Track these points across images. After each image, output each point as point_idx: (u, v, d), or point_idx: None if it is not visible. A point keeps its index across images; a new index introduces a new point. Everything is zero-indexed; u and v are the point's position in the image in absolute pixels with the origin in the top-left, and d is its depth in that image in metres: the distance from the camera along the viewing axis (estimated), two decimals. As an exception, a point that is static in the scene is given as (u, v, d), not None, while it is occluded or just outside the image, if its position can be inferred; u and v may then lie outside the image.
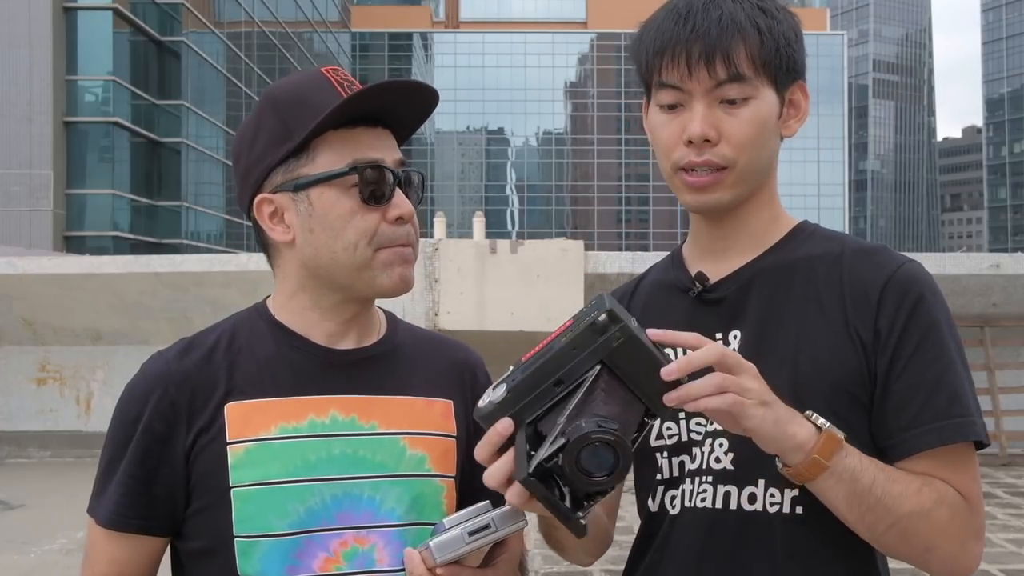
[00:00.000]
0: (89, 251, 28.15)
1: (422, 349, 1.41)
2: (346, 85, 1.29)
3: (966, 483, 1.18)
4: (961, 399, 1.18)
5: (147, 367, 1.31)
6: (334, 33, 73.26)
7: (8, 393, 8.22)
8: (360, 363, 1.33)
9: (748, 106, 1.22)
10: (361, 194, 1.25)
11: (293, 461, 1.25)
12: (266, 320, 1.34)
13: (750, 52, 1.21)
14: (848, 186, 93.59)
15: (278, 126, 1.28)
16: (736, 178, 1.24)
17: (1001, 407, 7.54)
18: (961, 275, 7.26)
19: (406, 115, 1.32)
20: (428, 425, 1.33)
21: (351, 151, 1.26)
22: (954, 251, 69.60)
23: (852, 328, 1.21)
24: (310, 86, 1.29)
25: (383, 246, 1.26)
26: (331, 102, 1.24)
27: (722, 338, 1.27)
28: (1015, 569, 4.86)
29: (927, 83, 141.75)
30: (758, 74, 1.22)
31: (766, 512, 1.21)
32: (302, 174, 1.27)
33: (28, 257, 8.95)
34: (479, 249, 7.26)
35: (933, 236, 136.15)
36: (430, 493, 1.31)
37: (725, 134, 1.22)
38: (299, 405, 1.28)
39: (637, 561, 1.36)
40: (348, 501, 1.26)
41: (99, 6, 38.26)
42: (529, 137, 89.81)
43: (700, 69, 1.21)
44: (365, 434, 1.29)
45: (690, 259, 1.37)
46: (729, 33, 1.20)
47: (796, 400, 1.19)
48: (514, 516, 1.14)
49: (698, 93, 1.22)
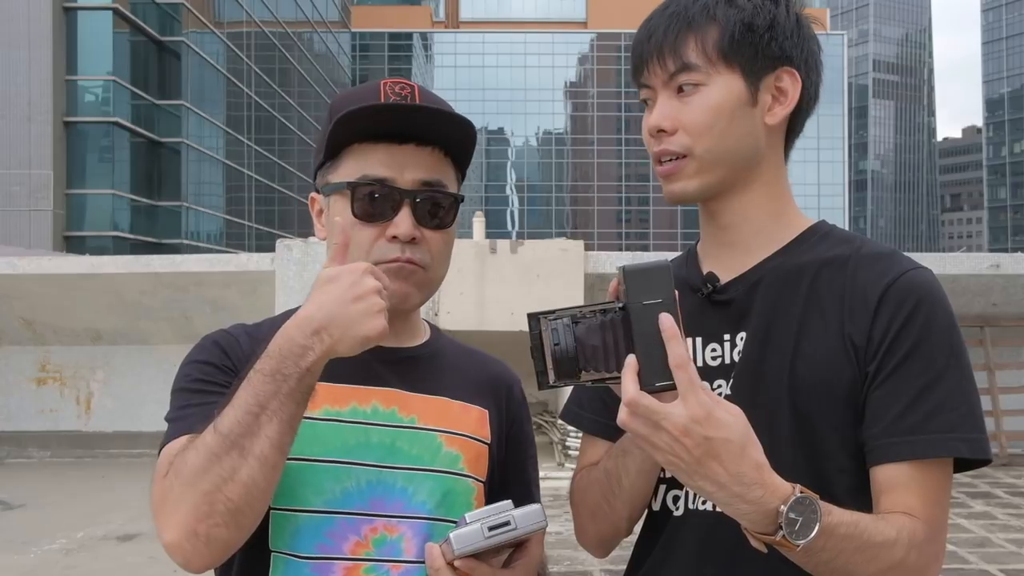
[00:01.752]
0: (89, 251, 28.15)
1: (463, 359, 1.45)
2: (393, 97, 1.31)
3: (929, 507, 1.15)
4: (942, 414, 1.15)
5: (214, 333, 1.35)
6: (334, 33, 73.24)
7: (8, 393, 8.22)
8: (405, 361, 1.37)
9: (699, 93, 1.25)
10: (354, 209, 1.29)
11: (334, 443, 1.28)
12: None
13: (701, 43, 1.25)
14: (848, 186, 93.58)
15: (323, 130, 1.33)
16: (698, 165, 1.26)
17: (1001, 407, 7.55)
18: (961, 275, 7.26)
19: (453, 135, 1.32)
20: (464, 427, 1.36)
21: (364, 165, 1.29)
22: (954, 251, 69.53)
23: (847, 336, 1.20)
24: (359, 94, 1.33)
25: (378, 261, 1.27)
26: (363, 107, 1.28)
27: (729, 339, 1.28)
28: (1015, 569, 4.86)
29: (927, 83, 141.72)
30: (711, 62, 1.24)
31: None
32: (328, 180, 1.34)
33: (28, 257, 8.95)
34: (479, 249, 7.26)
35: (933, 236, 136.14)
36: (461, 491, 1.33)
37: (681, 122, 1.25)
38: (344, 392, 1.31)
39: (641, 559, 1.36)
40: (382, 488, 1.28)
41: (99, 6, 38.25)
42: (529, 137, 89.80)
43: (654, 65, 1.27)
44: (404, 427, 1.32)
45: (703, 257, 1.37)
46: (677, 27, 1.26)
47: (792, 404, 1.20)
48: (535, 515, 1.15)
49: (658, 87, 1.28)
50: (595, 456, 1.37)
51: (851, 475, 1.19)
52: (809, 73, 1.30)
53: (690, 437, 1.02)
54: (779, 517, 1.04)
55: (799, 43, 1.29)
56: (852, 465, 1.19)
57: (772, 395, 1.22)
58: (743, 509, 1.05)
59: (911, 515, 1.14)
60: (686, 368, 1.03)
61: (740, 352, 1.26)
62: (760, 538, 1.07)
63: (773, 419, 1.19)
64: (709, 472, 1.03)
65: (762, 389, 1.22)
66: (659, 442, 1.03)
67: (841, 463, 1.19)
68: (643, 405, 1.03)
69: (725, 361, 1.28)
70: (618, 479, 1.29)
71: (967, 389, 1.18)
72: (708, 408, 1.02)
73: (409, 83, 1.33)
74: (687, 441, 1.02)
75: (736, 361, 1.26)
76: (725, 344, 1.28)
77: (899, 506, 1.15)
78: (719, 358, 1.28)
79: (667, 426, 1.02)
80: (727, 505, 1.06)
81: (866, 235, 9.71)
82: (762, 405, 1.20)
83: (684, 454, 1.03)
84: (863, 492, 1.18)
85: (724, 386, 1.26)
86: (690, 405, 1.02)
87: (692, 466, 1.03)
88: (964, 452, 1.16)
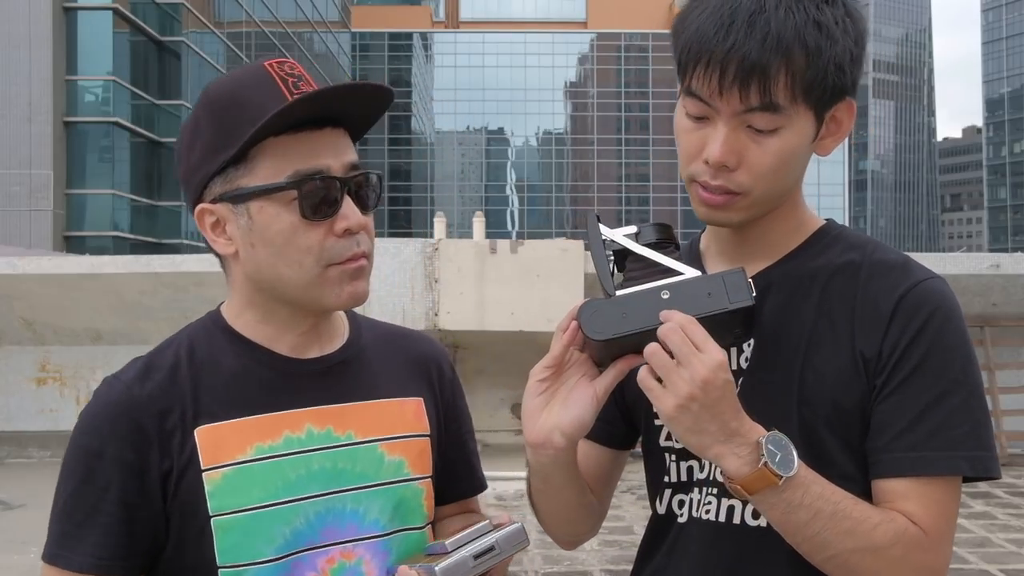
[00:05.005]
0: (89, 251, 28.14)
1: (387, 348, 1.36)
2: (291, 81, 1.18)
3: (931, 518, 1.13)
4: (947, 431, 1.13)
5: (105, 395, 1.20)
6: (334, 33, 73.23)
7: (8, 393, 8.21)
8: (328, 371, 1.27)
9: (777, 136, 1.14)
10: (302, 209, 1.16)
11: (274, 483, 1.19)
12: (225, 332, 1.26)
13: (790, 79, 1.11)
14: (848, 186, 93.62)
15: (215, 131, 1.18)
16: (750, 203, 1.19)
17: (1001, 407, 7.54)
18: (961, 275, 7.25)
19: (358, 112, 1.22)
20: (403, 427, 1.30)
21: (293, 160, 1.16)
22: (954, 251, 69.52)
23: (858, 349, 1.18)
24: (250, 84, 1.18)
25: (333, 262, 1.18)
26: (271, 102, 1.14)
27: (736, 345, 1.26)
28: (1015, 569, 4.86)
29: (927, 83, 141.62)
30: (795, 102, 1.13)
31: (770, 527, 1.19)
32: (240, 185, 1.18)
33: (28, 257, 8.94)
34: (479, 249, 7.25)
35: (933, 236, 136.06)
36: (411, 496, 1.29)
37: (746, 162, 1.15)
38: (273, 422, 1.21)
39: (644, 562, 1.35)
40: (332, 516, 1.22)
41: (99, 6, 38.23)
42: (529, 137, 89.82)
43: (732, 91, 1.12)
44: (342, 445, 1.24)
45: (707, 256, 1.34)
46: (770, 57, 1.10)
47: (800, 415, 1.19)
48: (517, 536, 1.14)
49: (725, 114, 1.14)
50: (580, 456, 1.34)
51: (857, 484, 1.17)
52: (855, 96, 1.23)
53: (716, 378, 1.06)
54: (760, 448, 1.08)
55: (860, 69, 1.19)
56: (858, 474, 1.18)
57: (780, 404, 1.20)
58: (733, 444, 1.09)
59: (909, 519, 1.13)
60: (697, 324, 1.08)
61: (747, 359, 1.25)
62: (744, 480, 1.09)
63: (780, 427, 1.18)
64: (719, 411, 1.08)
65: (770, 397, 1.21)
66: (678, 380, 1.07)
67: (847, 472, 1.18)
68: (694, 328, 1.08)
69: (732, 367, 1.25)
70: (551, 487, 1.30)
71: (974, 406, 1.16)
72: (724, 355, 1.09)
73: (292, 62, 1.21)
74: (714, 380, 1.06)
75: (743, 368, 1.25)
76: (732, 350, 1.26)
77: (899, 512, 1.14)
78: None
79: (700, 362, 1.06)
80: (722, 443, 1.09)
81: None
82: (769, 413, 1.19)
83: (703, 395, 1.06)
84: (868, 501, 1.16)
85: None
86: (716, 350, 1.08)
87: (705, 409, 1.07)
88: (966, 471, 1.15)
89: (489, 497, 6.34)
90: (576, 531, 1.41)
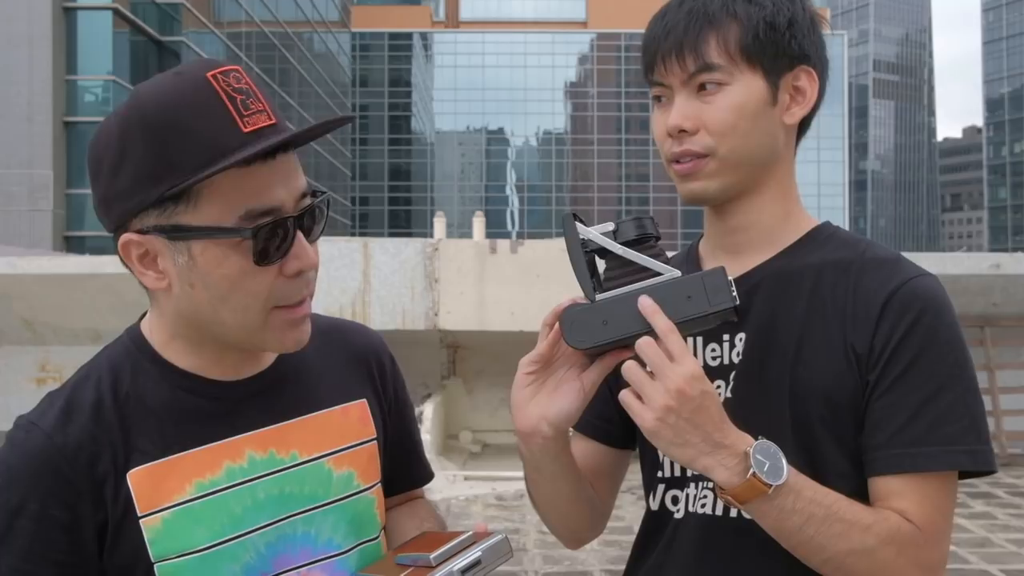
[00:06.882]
0: (89, 251, 28.11)
1: (324, 348, 1.26)
2: (239, 100, 1.04)
3: (927, 514, 1.14)
4: (944, 427, 1.14)
5: (22, 444, 1.08)
6: (334, 33, 73.22)
7: (8, 393, 8.21)
8: (265, 390, 1.19)
9: (722, 92, 1.22)
10: (254, 255, 1.05)
11: (219, 520, 1.11)
12: (151, 360, 1.16)
13: (723, 41, 1.22)
14: (848, 186, 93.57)
15: (153, 157, 1.02)
16: (719, 165, 1.24)
17: (1001, 407, 7.55)
18: (961, 275, 7.26)
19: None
20: (349, 436, 1.24)
21: (243, 197, 1.03)
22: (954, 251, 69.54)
23: (849, 345, 1.19)
24: (194, 104, 1.02)
25: (279, 305, 1.09)
26: (222, 136, 1.02)
27: (728, 340, 1.27)
28: (1015, 569, 4.86)
29: (927, 83, 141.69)
30: (733, 61, 1.22)
31: None
32: (181, 223, 1.04)
33: (28, 257, 8.94)
34: (479, 249, 7.26)
35: (933, 236, 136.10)
36: (363, 509, 1.24)
37: (703, 122, 1.23)
38: (211, 454, 1.12)
39: (640, 559, 1.36)
40: (283, 543, 1.15)
41: (99, 6, 38.25)
42: (529, 137, 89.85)
43: (672, 63, 1.24)
44: (287, 468, 1.17)
45: (705, 256, 1.36)
46: (697, 25, 1.23)
47: (792, 409, 1.19)
48: (502, 547, 1.12)
49: (676, 85, 1.25)
50: (576, 454, 1.35)
51: (851, 480, 1.18)
52: (823, 72, 1.29)
53: (691, 389, 1.07)
54: (748, 459, 1.09)
55: (815, 41, 1.28)
56: (852, 471, 1.19)
57: (772, 400, 1.21)
58: (721, 456, 1.09)
59: (903, 517, 1.14)
60: (676, 334, 1.09)
61: (739, 353, 1.25)
62: (734, 491, 1.09)
63: (773, 424, 1.19)
64: (700, 422, 1.08)
65: (762, 393, 1.22)
66: (653, 393, 1.08)
67: (841, 469, 1.19)
68: (673, 338, 1.09)
69: (724, 362, 1.27)
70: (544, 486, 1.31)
71: (970, 400, 1.17)
72: (699, 367, 1.10)
73: (238, 71, 1.05)
74: (689, 391, 1.07)
75: (735, 362, 1.26)
76: (724, 344, 1.27)
77: (894, 510, 1.15)
78: (718, 358, 1.28)
79: (674, 373, 1.07)
80: (708, 455, 1.09)
81: (866, 235, 9.70)
82: (762, 409, 1.20)
83: (679, 407, 1.07)
84: (862, 498, 1.17)
85: (724, 388, 1.25)
86: (691, 362, 1.09)
87: (684, 420, 1.08)
88: (967, 465, 1.16)
89: (489, 497, 6.33)
90: (577, 527, 1.40)
